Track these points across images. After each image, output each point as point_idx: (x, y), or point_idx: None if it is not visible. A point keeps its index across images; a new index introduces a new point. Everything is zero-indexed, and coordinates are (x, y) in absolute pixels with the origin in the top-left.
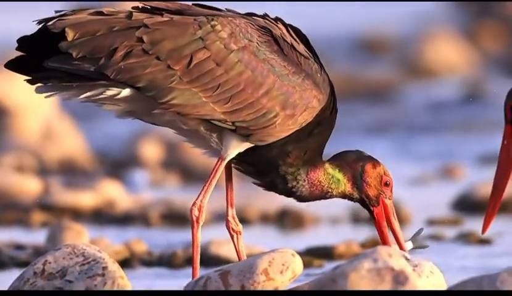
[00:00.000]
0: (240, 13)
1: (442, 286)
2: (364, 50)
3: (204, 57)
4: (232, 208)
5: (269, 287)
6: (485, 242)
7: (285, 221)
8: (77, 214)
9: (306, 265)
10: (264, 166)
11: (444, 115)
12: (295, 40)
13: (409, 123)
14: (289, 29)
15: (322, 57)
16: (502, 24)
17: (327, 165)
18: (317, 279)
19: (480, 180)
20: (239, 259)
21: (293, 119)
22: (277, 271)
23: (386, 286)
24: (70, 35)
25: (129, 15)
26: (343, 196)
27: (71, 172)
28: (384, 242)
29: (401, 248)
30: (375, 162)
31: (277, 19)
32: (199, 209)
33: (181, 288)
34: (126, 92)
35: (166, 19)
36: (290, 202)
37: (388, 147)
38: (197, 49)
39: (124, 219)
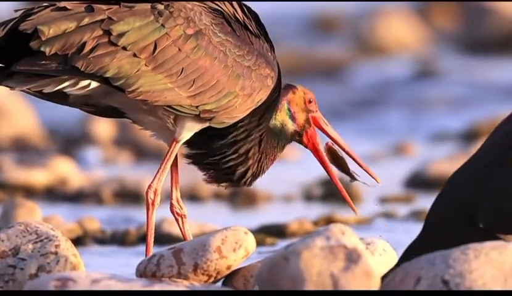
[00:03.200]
0: None
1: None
2: (315, 28)
3: (167, 43)
4: (176, 191)
5: (222, 265)
6: None
7: (238, 198)
8: (30, 192)
9: (259, 243)
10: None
11: (396, 92)
12: (248, 18)
13: (361, 100)
14: (243, 7)
15: (274, 35)
16: (454, 2)
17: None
18: (269, 257)
19: (432, 157)
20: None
21: (251, 98)
22: (230, 249)
23: (339, 264)
24: (45, 33)
25: (90, 8)
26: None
27: (24, 150)
28: (328, 171)
29: (343, 150)
30: (292, 89)
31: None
32: (154, 193)
33: (134, 266)
34: (95, 83)
35: (127, 9)
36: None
37: (340, 124)
38: (159, 36)
39: (77, 197)
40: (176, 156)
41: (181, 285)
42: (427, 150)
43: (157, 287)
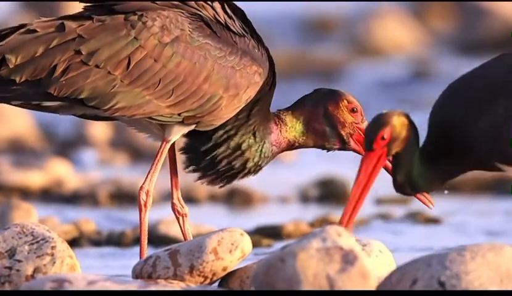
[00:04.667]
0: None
1: (391, 265)
2: (312, 29)
3: (141, 56)
4: (177, 191)
5: (218, 266)
6: (433, 221)
7: (234, 200)
8: (26, 194)
9: (255, 244)
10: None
11: (392, 93)
12: (231, 18)
13: (358, 101)
14: (225, 6)
15: (270, 37)
16: (450, 3)
17: (287, 118)
18: (266, 259)
19: None
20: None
21: (237, 98)
22: (226, 250)
23: (335, 265)
24: (12, 61)
25: (61, 26)
26: (312, 146)
27: (20, 152)
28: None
29: None
30: (335, 97)
31: None
32: (147, 194)
33: (130, 268)
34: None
35: (98, 24)
36: (238, 181)
37: None
38: (133, 49)
39: (73, 199)
40: (175, 157)
41: (177, 287)
42: None
43: (153, 288)
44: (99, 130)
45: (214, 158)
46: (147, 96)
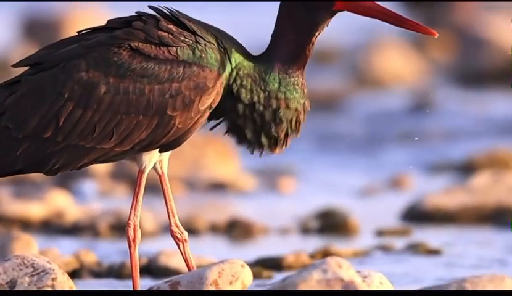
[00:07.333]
0: (103, 29)
1: None
2: (312, 59)
3: (70, 109)
4: (174, 217)
5: None
6: (434, 252)
7: (235, 231)
8: (26, 225)
9: (256, 276)
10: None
11: (392, 124)
12: (168, 31)
13: (357, 132)
14: (159, 23)
15: None
16: (450, 34)
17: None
18: (267, 291)
19: (429, 190)
20: (188, 267)
21: (192, 109)
22: (226, 282)
23: None
24: None
25: None
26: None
27: (20, 183)
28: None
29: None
30: None
31: (157, 9)
32: (134, 229)
33: None
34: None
35: (24, 89)
36: (239, 212)
37: (337, 157)
38: (60, 105)
39: (74, 230)
40: (167, 184)
41: None
42: (423, 182)
43: None
44: None
45: (252, 112)
46: (87, 145)
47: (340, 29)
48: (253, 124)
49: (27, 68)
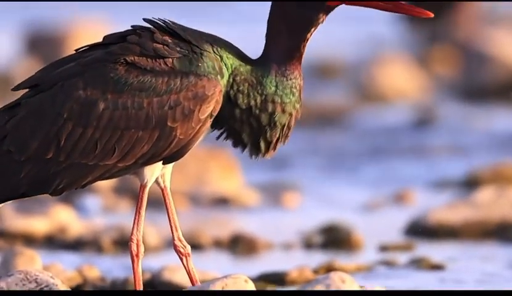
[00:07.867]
0: (100, 45)
1: None
2: (315, 74)
3: (70, 129)
4: (176, 231)
5: None
6: (437, 267)
7: (238, 246)
8: (29, 240)
9: None
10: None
11: (396, 140)
12: (163, 43)
13: (361, 148)
14: (154, 35)
15: None
16: (454, 49)
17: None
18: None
19: (432, 205)
20: (191, 281)
21: (192, 119)
22: None
23: None
24: None
25: None
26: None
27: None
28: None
29: None
30: None
31: (151, 22)
32: (137, 244)
33: None
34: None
35: (24, 112)
36: (242, 227)
37: (340, 172)
38: (60, 125)
39: (77, 245)
40: (170, 198)
41: None
42: (427, 197)
43: None
44: None
45: (249, 117)
46: (89, 163)
47: (343, 43)
48: (249, 128)
49: (27, 90)
